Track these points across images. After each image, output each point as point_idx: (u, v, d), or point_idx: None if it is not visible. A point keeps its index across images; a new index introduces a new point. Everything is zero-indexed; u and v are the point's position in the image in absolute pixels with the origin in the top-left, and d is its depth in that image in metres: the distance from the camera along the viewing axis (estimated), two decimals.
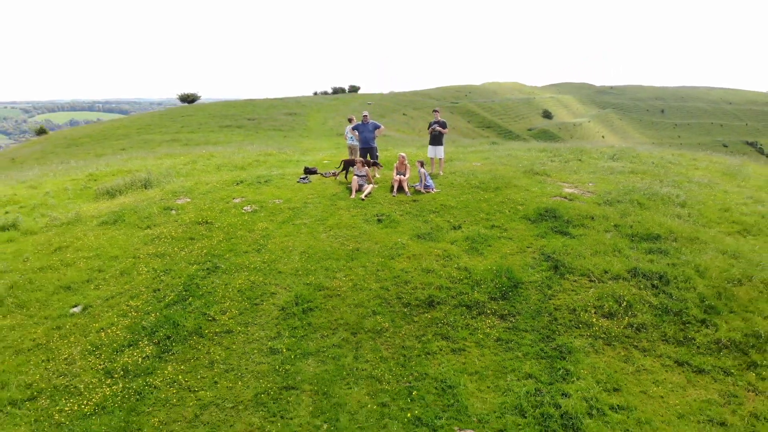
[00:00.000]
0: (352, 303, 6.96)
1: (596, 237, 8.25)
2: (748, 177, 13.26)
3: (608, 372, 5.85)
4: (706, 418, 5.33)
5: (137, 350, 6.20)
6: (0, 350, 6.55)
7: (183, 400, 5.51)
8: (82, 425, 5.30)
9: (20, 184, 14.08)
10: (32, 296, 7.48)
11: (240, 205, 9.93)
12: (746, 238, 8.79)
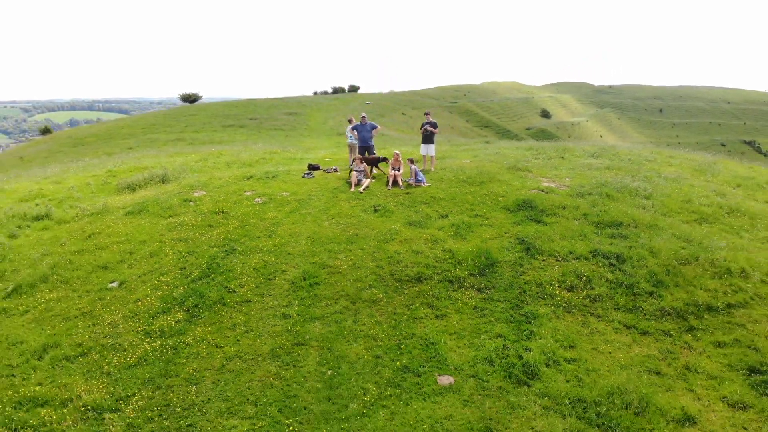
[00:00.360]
0: (352, 278, 8.12)
1: (566, 224, 9.42)
2: (718, 173, 14.42)
3: (566, 333, 7.01)
4: (645, 368, 6.49)
5: (170, 316, 7.36)
6: (50, 318, 7.72)
7: (211, 353, 6.67)
8: (128, 373, 6.47)
9: (44, 180, 15.24)
10: (73, 274, 8.65)
11: (251, 197, 11.10)
12: (702, 226, 9.95)
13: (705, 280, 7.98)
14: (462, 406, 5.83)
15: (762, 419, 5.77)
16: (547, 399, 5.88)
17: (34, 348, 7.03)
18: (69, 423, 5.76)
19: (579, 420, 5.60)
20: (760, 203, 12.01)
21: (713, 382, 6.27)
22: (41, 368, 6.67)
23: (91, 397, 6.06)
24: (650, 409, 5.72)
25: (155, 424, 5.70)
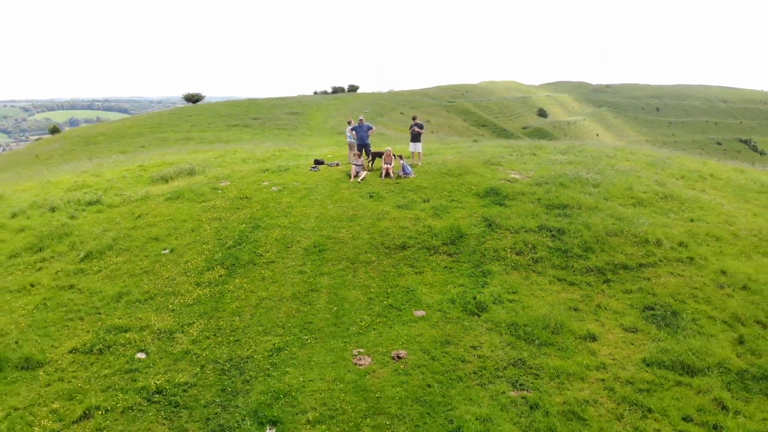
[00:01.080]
0: (351, 246, 10.53)
1: (522, 206, 11.84)
2: (668, 167, 16.84)
3: (511, 283, 9.42)
4: (566, 306, 8.88)
5: (214, 272, 9.77)
6: (119, 275, 10.12)
7: (248, 296, 9.08)
8: (187, 310, 8.87)
9: (83, 174, 17.66)
10: (132, 244, 11.06)
11: (268, 186, 13.52)
12: (636, 208, 12.36)
13: (625, 247, 10.40)
14: (430, 329, 8.23)
15: (647, 339, 8.16)
16: (491, 324, 8.29)
17: (111, 295, 9.44)
18: (149, 341, 8.16)
19: (511, 336, 8.00)
20: (695, 191, 14.44)
21: (616, 315, 8.68)
22: (119, 308, 9.08)
23: (162, 324, 8.48)
24: (564, 330, 8.13)
25: (211, 340, 8.11)
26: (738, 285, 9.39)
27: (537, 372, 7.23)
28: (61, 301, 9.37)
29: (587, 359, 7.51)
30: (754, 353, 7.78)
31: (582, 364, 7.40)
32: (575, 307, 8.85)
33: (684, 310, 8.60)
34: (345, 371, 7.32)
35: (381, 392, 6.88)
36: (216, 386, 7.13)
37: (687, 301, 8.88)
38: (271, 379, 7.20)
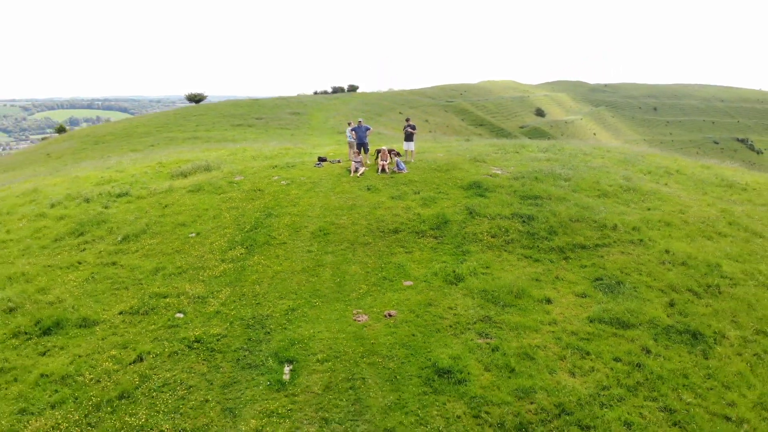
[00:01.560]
0: (351, 231, 12.36)
1: (500, 197, 13.67)
2: (638, 163, 18.67)
3: (485, 260, 11.24)
4: (530, 277, 10.70)
5: (235, 250, 11.60)
6: (154, 254, 11.94)
7: (265, 270, 10.91)
8: (215, 280, 10.69)
9: (107, 170, 19.48)
10: (162, 228, 12.88)
11: (278, 180, 15.34)
12: (600, 199, 14.20)
13: (585, 230, 12.24)
14: (416, 295, 10.05)
15: (593, 302, 9.93)
16: (466, 290, 10.11)
17: (149, 269, 11.27)
18: (185, 304, 9.98)
19: (482, 300, 9.82)
20: (658, 185, 16.27)
21: (570, 285, 10.50)
22: (157, 279, 10.91)
23: (195, 291, 10.30)
24: (525, 295, 9.95)
25: (237, 303, 9.93)
26: (678, 261, 11.22)
27: (500, 326, 9.06)
28: (107, 275, 11.20)
29: (542, 316, 9.33)
30: (681, 314, 9.61)
31: (537, 320, 9.23)
32: (537, 278, 10.67)
33: (627, 281, 10.44)
34: (346, 325, 9.15)
35: (375, 340, 8.70)
36: (243, 336, 8.95)
37: (631, 273, 10.71)
38: (287, 331, 9.03)
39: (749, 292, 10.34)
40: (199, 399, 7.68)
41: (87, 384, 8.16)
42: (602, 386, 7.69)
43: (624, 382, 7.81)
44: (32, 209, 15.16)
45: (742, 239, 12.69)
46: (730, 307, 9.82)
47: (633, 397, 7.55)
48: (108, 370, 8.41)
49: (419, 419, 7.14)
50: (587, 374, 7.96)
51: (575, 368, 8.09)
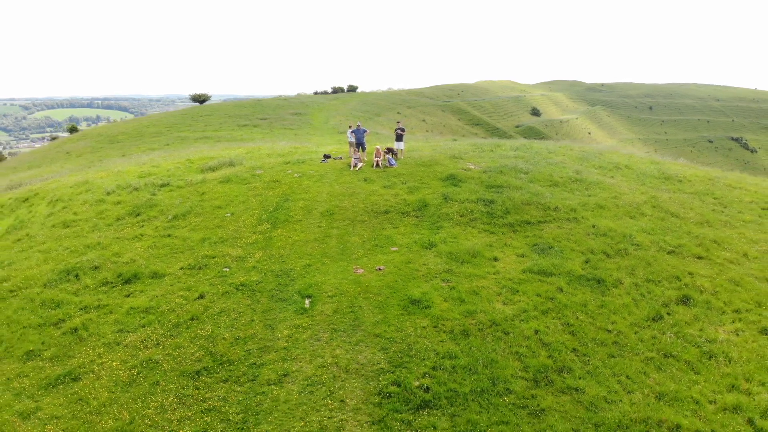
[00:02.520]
0: (351, 212, 16.08)
1: (469, 186, 17.39)
2: (593, 160, 22.38)
3: (454, 233, 14.96)
4: (485, 244, 14.40)
5: (262, 226, 15.32)
6: (199, 228, 15.65)
7: (286, 239, 14.63)
8: (250, 246, 14.40)
9: (144, 165, 23.18)
10: (203, 210, 16.59)
11: (291, 173, 19.07)
12: (551, 188, 17.91)
13: (532, 211, 15.96)
14: (399, 256, 13.76)
15: (528, 260, 13.63)
16: (436, 252, 13.82)
17: (198, 239, 14.98)
18: (229, 261, 13.67)
19: (447, 259, 13.53)
20: (605, 177, 19.98)
21: (514, 249, 14.21)
22: (205, 246, 14.61)
23: (236, 253, 14.02)
24: (479, 255, 13.66)
25: (267, 261, 13.63)
26: (600, 233, 14.95)
27: (458, 275, 12.77)
28: (165, 243, 14.92)
29: (489, 269, 13.05)
30: (592, 267, 13.32)
31: (485, 271, 12.94)
32: (490, 244, 14.40)
33: (557, 245, 14.16)
34: (348, 275, 12.87)
35: (368, 283, 12.41)
36: (274, 282, 12.67)
37: (561, 241, 14.44)
38: (305, 278, 12.75)
39: (650, 254, 14.06)
40: (247, 319, 11.39)
41: (165, 312, 11.88)
42: (523, 310, 11.40)
43: (539, 308, 11.52)
44: (91, 196, 18.89)
45: (659, 218, 16.42)
46: (631, 264, 13.54)
47: (543, 317, 11.26)
48: (179, 303, 12.13)
49: (397, 328, 10.86)
50: (514, 303, 11.67)
51: (507, 300, 11.81)
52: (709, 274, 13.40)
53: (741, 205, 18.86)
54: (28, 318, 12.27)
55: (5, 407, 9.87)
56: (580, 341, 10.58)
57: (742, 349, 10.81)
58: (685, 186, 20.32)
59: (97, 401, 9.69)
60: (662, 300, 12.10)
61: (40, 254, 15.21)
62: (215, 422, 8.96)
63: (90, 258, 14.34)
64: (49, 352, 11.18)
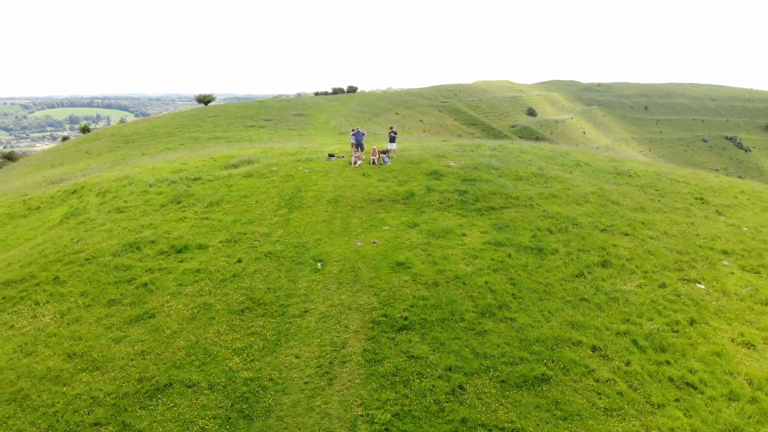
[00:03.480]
0: (352, 200, 20.29)
1: (449, 180, 21.59)
2: (558, 159, 26.56)
3: (433, 216, 19.16)
4: (456, 224, 18.60)
5: (281, 210, 19.51)
6: (231, 212, 19.83)
7: (301, 220, 18.83)
8: (273, 225, 18.59)
9: (173, 163, 27.36)
10: (232, 198, 20.78)
11: (302, 170, 23.26)
12: (515, 181, 22.10)
13: (497, 199, 20.15)
14: (390, 233, 17.95)
15: (489, 236, 17.81)
16: (419, 230, 18.02)
17: (230, 221, 19.16)
18: (257, 237, 17.86)
19: (426, 235, 17.71)
20: (564, 173, 24.16)
21: (479, 227, 18.39)
22: (237, 226, 18.77)
23: (261, 231, 18.21)
24: (451, 232, 17.85)
25: (287, 237, 17.81)
26: (549, 216, 19.13)
27: (434, 246, 16.94)
28: (204, 224, 19.10)
29: (458, 242, 17.23)
30: (537, 240, 17.47)
31: (455, 243, 17.12)
32: (461, 224, 18.58)
33: (512, 225, 18.35)
34: (350, 246, 17.04)
35: (365, 252, 16.59)
36: (293, 251, 16.85)
37: (516, 222, 18.63)
38: (317, 248, 16.93)
39: (585, 231, 18.23)
40: (275, 276, 15.58)
41: (212, 272, 16.06)
42: (479, 269, 15.58)
43: (491, 267, 15.70)
44: (135, 188, 23.08)
45: (600, 204, 20.60)
46: (568, 238, 17.71)
47: (494, 273, 15.44)
48: (223, 266, 16.31)
49: (386, 282, 15.03)
50: (474, 265, 15.85)
51: (468, 263, 15.98)
52: (629, 246, 17.59)
53: (677, 196, 23.07)
54: (106, 278, 16.46)
55: (101, 336, 14.04)
56: (518, 289, 14.77)
57: (641, 297, 14.97)
58: (633, 180, 24.51)
59: (169, 330, 13.85)
60: (587, 263, 16.28)
61: (104, 232, 19.40)
62: (257, 341, 13.14)
63: (146, 234, 18.53)
64: (127, 300, 15.35)
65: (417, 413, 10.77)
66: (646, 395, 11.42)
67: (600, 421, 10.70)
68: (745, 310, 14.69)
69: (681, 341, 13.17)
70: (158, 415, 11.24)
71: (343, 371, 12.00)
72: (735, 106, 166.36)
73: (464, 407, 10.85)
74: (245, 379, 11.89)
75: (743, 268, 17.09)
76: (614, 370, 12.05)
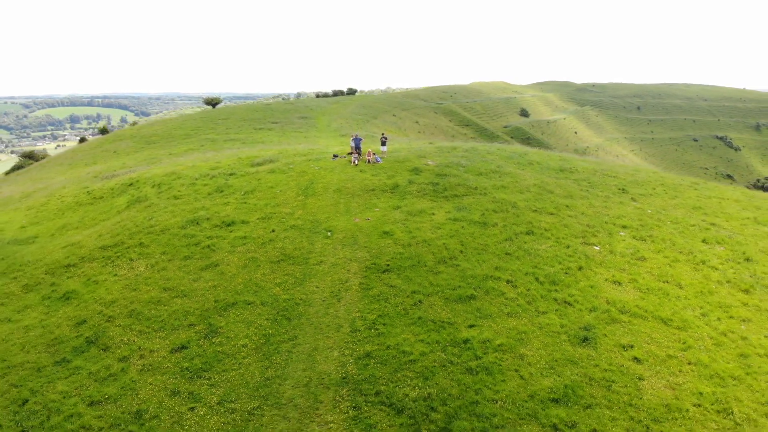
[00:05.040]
0: (351, 189, 27.87)
1: (426, 174, 29.17)
2: (517, 159, 34.09)
3: (412, 201, 26.73)
4: (429, 206, 26.12)
5: (300, 197, 27.08)
6: (263, 198, 27.38)
7: (314, 204, 26.41)
8: (294, 207, 26.13)
9: (209, 161, 34.88)
10: (262, 188, 28.34)
11: (313, 167, 30.84)
12: (476, 176, 29.66)
13: (460, 189, 27.71)
14: (379, 213, 25.50)
15: (451, 215, 25.31)
16: (400, 211, 25.57)
17: (263, 204, 26.70)
18: (283, 215, 25.38)
19: (406, 213, 25.26)
20: (517, 170, 31.67)
21: (444, 209, 25.93)
22: (268, 207, 26.32)
23: (286, 211, 25.74)
24: (424, 212, 25.40)
25: (305, 216, 25.34)
26: (496, 201, 26.64)
27: (411, 222, 24.47)
28: (243, 206, 26.61)
29: (428, 218, 24.76)
30: (484, 218, 24.98)
31: (425, 219, 24.66)
32: (432, 207, 26.11)
33: (469, 207, 25.83)
34: (351, 222, 24.58)
35: (362, 226, 24.12)
36: (310, 225, 24.40)
37: (472, 205, 26.11)
38: (327, 223, 24.49)
39: (521, 212, 25.71)
40: (298, 241, 23.11)
41: (254, 238, 23.59)
42: (440, 235, 23.09)
43: (449, 235, 23.19)
44: (184, 181, 30.59)
45: (538, 193, 28.08)
46: (507, 216, 25.18)
47: (450, 239, 22.94)
48: (261, 234, 23.83)
49: (376, 244, 22.54)
50: (436, 233, 23.35)
51: (433, 232, 23.48)
52: (551, 221, 25.08)
53: (604, 187, 30.59)
54: (179, 242, 23.96)
55: (183, 278, 21.53)
56: (464, 248, 22.27)
57: (549, 253, 22.43)
58: (573, 175, 32.03)
59: (230, 273, 21.35)
60: (516, 232, 23.77)
61: (168, 213, 26.90)
62: (290, 278, 20.65)
63: (201, 214, 26.04)
64: (197, 256, 22.85)
65: (391, 315, 18.29)
66: (536, 307, 18.91)
67: (504, 319, 18.19)
68: (622, 263, 22.18)
69: (569, 279, 20.65)
70: (231, 319, 18.75)
71: (346, 294, 19.52)
72: (727, 106, 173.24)
73: (420, 311, 18.37)
74: (284, 299, 19.42)
75: (634, 237, 24.59)
76: (519, 293, 19.56)
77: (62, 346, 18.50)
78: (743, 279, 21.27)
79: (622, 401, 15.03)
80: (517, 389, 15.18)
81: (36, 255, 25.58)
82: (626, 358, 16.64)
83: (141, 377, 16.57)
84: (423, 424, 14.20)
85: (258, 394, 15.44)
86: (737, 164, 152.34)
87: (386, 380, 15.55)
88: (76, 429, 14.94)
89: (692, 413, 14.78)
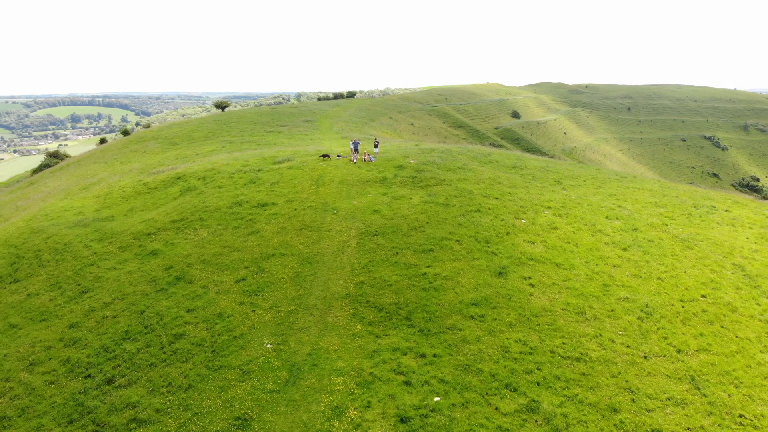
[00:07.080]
0: (351, 181, 38.95)
1: (408, 170, 40.24)
2: (479, 158, 45.10)
3: (396, 189, 37.73)
4: (407, 194, 37.09)
5: (313, 186, 38.09)
6: (286, 187, 38.36)
7: (324, 191, 37.42)
8: (309, 193, 37.12)
9: (238, 159, 45.87)
10: (284, 180, 39.36)
11: (322, 163, 41.78)
12: (447, 171, 40.68)
13: (432, 181, 38.81)
14: (371, 198, 36.50)
15: (424, 199, 36.22)
16: (386, 196, 36.56)
17: (286, 191, 37.68)
18: (302, 199, 36.35)
19: (389, 197, 36.22)
20: (480, 167, 42.67)
21: (419, 195, 36.91)
22: (291, 194, 37.28)
23: (304, 196, 36.77)
24: (404, 197, 36.40)
25: (317, 199, 36.33)
26: (457, 189, 37.65)
27: (393, 203, 35.42)
28: (272, 193, 37.57)
29: (407, 202, 35.73)
30: (446, 200, 35.93)
31: (405, 202, 35.65)
32: (410, 193, 37.10)
33: (436, 193, 36.78)
34: (350, 204, 35.57)
35: (359, 206, 35.11)
36: (321, 206, 35.40)
37: (439, 193, 37.08)
38: (334, 204, 35.52)
39: (474, 197, 36.64)
40: (314, 215, 34.12)
41: (282, 214, 34.56)
42: (414, 212, 34.05)
43: (420, 212, 34.14)
44: (223, 175, 41.54)
45: (489, 184, 39.02)
46: (462, 199, 36.10)
47: (421, 214, 33.89)
48: (287, 211, 34.81)
49: (368, 218, 33.52)
50: (412, 211, 34.30)
51: (410, 211, 34.41)
52: (494, 203, 35.97)
53: (544, 180, 41.55)
54: (227, 218, 34.85)
55: (235, 240, 32.49)
56: (430, 220, 33.18)
57: (488, 224, 33.30)
58: (522, 171, 42.98)
59: (267, 237, 32.27)
60: (468, 210, 34.64)
61: (215, 198, 37.79)
62: (309, 239, 31.63)
63: (241, 198, 36.97)
64: (242, 226, 33.77)
65: (377, 261, 29.24)
66: (473, 256, 29.84)
67: (450, 263, 29.11)
68: (539, 230, 33.11)
69: (498, 239, 31.58)
70: (272, 263, 29.70)
71: (348, 249, 30.47)
72: (716, 107, 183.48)
73: (396, 258, 29.33)
74: (306, 252, 30.40)
75: (555, 214, 35.52)
76: (462, 248, 30.51)
77: (159, 282, 29.35)
78: (625, 241, 32.20)
79: (517, 305, 25.87)
80: (452, 299, 26.06)
81: (120, 228, 36.56)
82: (525, 284, 27.53)
83: (218, 296, 27.44)
84: (394, 315, 25.07)
85: (294, 302, 26.33)
86: (723, 163, 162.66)
87: (373, 295, 26.46)
88: (180, 324, 25.73)
89: (559, 313, 25.61)
